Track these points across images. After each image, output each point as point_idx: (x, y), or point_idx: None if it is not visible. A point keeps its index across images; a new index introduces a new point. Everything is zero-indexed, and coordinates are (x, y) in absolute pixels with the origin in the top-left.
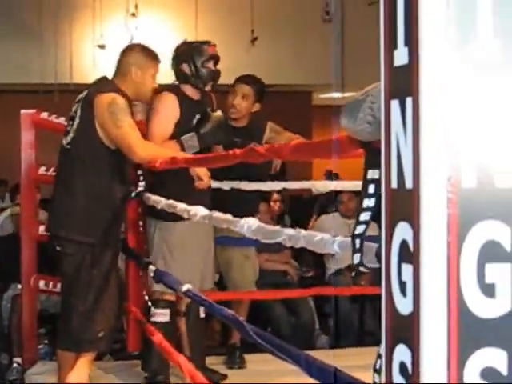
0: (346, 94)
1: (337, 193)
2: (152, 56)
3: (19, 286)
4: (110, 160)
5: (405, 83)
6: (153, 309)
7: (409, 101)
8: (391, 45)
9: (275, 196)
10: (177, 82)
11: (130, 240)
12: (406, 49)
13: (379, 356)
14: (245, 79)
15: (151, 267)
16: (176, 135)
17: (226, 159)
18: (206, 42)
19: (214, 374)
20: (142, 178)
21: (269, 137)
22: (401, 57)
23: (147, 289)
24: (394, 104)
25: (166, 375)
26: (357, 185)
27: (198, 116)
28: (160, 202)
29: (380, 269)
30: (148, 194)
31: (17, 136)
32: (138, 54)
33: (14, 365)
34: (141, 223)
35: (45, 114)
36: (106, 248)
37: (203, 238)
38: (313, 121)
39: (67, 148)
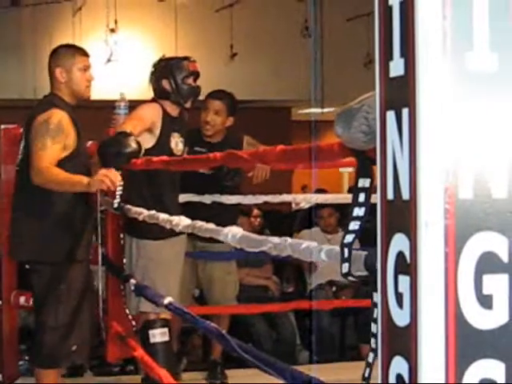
0: (325, 110)
1: (317, 208)
2: (75, 51)
3: None
4: None
5: (401, 94)
6: (150, 330)
7: (405, 112)
8: (387, 56)
9: (255, 211)
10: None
11: (109, 253)
12: (402, 60)
13: (368, 364)
14: (215, 95)
15: (132, 281)
16: (153, 149)
17: (205, 162)
18: (186, 58)
19: None
20: (120, 188)
21: (245, 149)
22: (397, 68)
23: (132, 310)
24: (390, 115)
25: None
26: (338, 198)
27: (175, 134)
28: (141, 213)
29: (364, 281)
30: (128, 206)
31: None
32: (59, 54)
33: None
34: (121, 236)
35: None
36: (73, 264)
37: (182, 257)
38: (292, 136)
39: (17, 170)
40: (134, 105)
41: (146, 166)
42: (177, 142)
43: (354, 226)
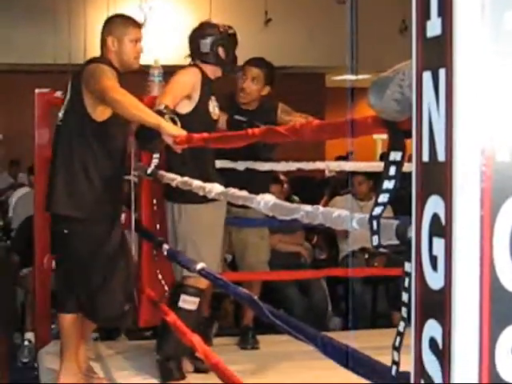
0: (360, 77)
1: (350, 175)
2: (128, 22)
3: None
4: (97, 134)
5: (437, 54)
6: (183, 295)
7: (442, 72)
8: (424, 16)
9: (282, 178)
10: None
11: (142, 219)
12: (440, 19)
13: (399, 333)
14: (254, 62)
15: (165, 246)
16: (192, 113)
17: (244, 138)
18: (231, 28)
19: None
20: (157, 156)
21: (279, 117)
22: (434, 28)
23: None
24: (426, 76)
25: (179, 362)
26: (371, 166)
27: (212, 97)
28: (175, 179)
29: (396, 250)
30: (162, 172)
31: (30, 116)
32: (113, 23)
33: (26, 342)
34: (154, 201)
35: (59, 93)
36: (113, 224)
37: (222, 221)
38: (326, 103)
39: (59, 124)
40: (168, 70)
41: (186, 143)
42: (214, 106)
43: (383, 198)
